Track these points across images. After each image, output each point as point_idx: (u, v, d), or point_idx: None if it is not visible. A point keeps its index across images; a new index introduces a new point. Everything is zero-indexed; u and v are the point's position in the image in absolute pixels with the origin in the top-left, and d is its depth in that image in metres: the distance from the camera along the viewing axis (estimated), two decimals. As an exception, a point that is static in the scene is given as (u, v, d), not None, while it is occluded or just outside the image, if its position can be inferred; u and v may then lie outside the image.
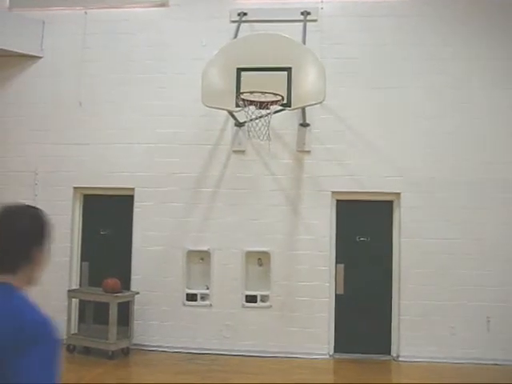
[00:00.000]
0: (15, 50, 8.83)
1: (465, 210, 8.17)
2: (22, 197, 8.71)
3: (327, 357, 8.22)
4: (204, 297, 8.47)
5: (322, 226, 8.28)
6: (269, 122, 7.01)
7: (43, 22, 8.99)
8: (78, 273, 8.85)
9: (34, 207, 2.27)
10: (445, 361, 7.95)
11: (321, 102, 7.18)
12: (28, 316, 2.06)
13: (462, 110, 8.30)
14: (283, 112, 7.36)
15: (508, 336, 7.98)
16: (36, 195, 8.77)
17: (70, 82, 8.87)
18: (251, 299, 8.33)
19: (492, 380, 7.30)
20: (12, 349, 1.97)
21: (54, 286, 8.46)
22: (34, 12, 8.98)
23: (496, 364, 7.88)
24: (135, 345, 8.25)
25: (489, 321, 8.03)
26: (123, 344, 8.02)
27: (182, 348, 8.32)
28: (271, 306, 8.30)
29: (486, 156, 8.24)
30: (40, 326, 2.05)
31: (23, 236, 2.16)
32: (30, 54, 8.95)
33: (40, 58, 9.00)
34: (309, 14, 8.28)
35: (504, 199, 8.15)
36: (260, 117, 7.03)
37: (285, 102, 6.76)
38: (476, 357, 7.94)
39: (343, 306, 8.30)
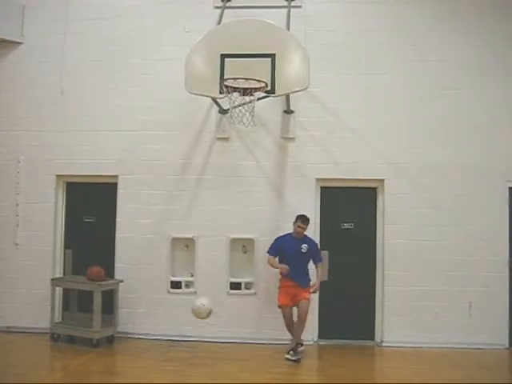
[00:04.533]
0: (-6, 35, 8.69)
1: (448, 196, 8.24)
2: (3, 185, 8.70)
3: (311, 343, 8.27)
4: (188, 284, 8.47)
5: (307, 213, 8.28)
6: (253, 108, 6.98)
7: (23, 7, 8.84)
8: (62, 261, 8.79)
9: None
10: (428, 345, 8.06)
11: (305, 89, 7.14)
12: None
13: (447, 97, 8.32)
14: (267, 99, 7.34)
15: (489, 321, 8.10)
16: (18, 183, 8.68)
17: (52, 69, 8.75)
18: (236, 286, 8.34)
19: (475, 364, 7.40)
20: None
21: (37, 274, 8.47)
22: (14, -4, 8.84)
23: (478, 348, 8.00)
24: (120, 333, 8.24)
25: (471, 306, 8.13)
26: (108, 332, 8.01)
27: (166, 335, 8.32)
28: (256, 293, 8.33)
29: (471, 143, 8.28)
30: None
31: None
32: (10, 39, 8.79)
33: (21, 43, 8.86)
34: (293, -1, 8.26)
35: (488, 186, 8.21)
36: (244, 103, 6.99)
37: (269, 88, 6.74)
38: (458, 341, 8.06)
39: (327, 292, 8.34)
